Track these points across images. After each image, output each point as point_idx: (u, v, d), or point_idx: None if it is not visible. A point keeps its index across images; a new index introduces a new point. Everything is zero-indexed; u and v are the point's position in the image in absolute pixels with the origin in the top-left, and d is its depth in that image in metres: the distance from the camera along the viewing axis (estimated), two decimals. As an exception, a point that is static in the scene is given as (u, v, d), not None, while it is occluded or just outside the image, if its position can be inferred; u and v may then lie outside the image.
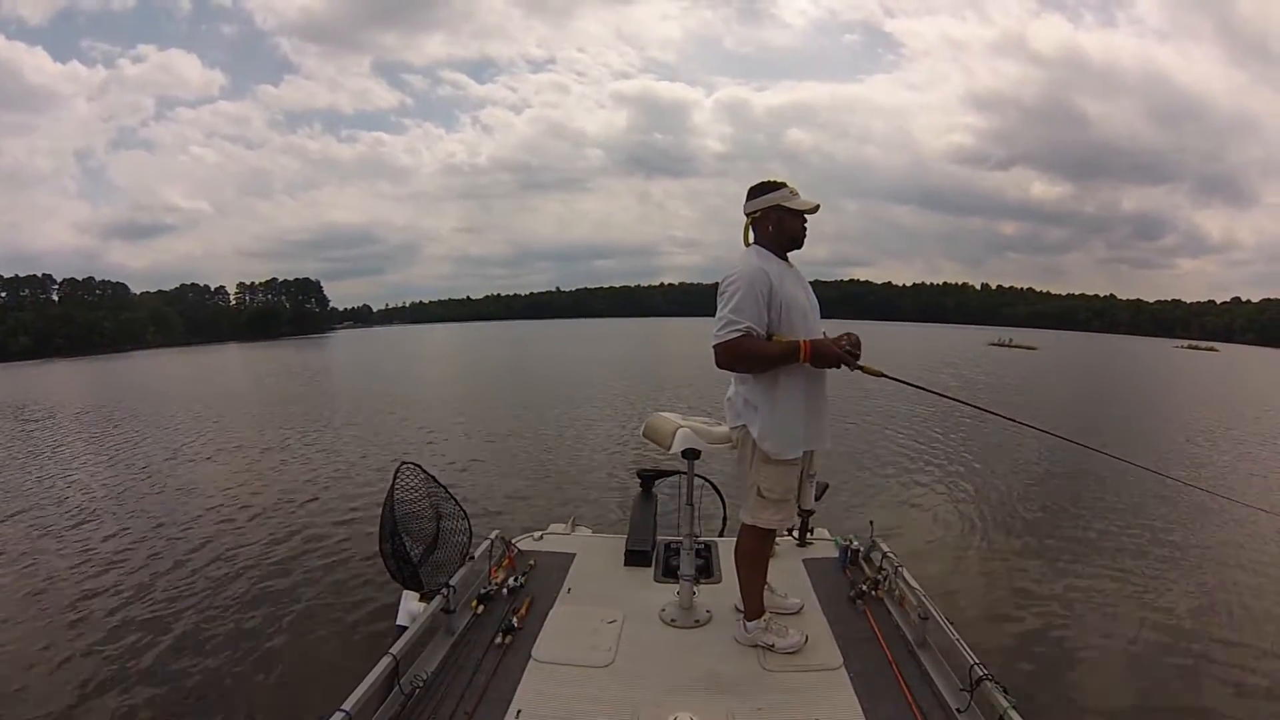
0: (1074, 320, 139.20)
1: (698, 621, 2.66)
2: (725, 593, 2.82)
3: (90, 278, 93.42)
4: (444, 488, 2.88)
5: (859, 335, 2.40)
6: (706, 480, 3.38)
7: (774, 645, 2.42)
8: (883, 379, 2.42)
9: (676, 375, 23.88)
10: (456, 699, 2.16)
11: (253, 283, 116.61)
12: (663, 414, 2.87)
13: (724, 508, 3.74)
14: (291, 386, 24.35)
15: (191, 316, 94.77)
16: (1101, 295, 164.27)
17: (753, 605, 2.50)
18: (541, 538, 3.55)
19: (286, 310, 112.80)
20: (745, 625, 2.50)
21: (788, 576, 2.98)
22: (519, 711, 2.09)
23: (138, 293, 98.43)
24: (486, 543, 3.07)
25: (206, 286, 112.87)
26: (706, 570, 3.10)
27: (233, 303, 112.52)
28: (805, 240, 2.48)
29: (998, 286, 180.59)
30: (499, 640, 2.49)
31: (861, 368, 2.34)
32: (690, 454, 2.66)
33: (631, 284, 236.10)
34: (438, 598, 2.57)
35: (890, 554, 2.95)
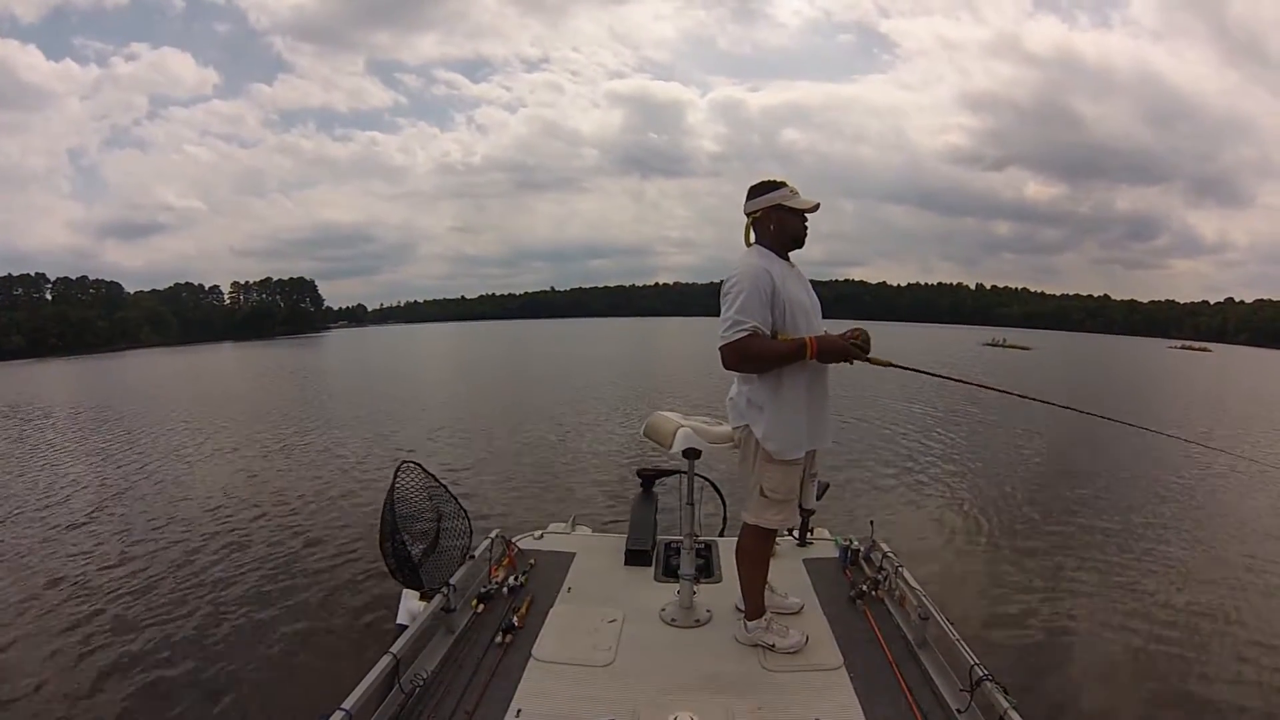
0: (1068, 320, 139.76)
1: (698, 621, 2.65)
2: (725, 592, 2.82)
3: (84, 277, 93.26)
4: (444, 487, 2.87)
5: (867, 331, 2.39)
6: (707, 480, 3.37)
7: (774, 645, 2.42)
8: (891, 368, 2.44)
9: (675, 375, 23.93)
10: (457, 698, 2.15)
11: (247, 282, 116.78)
12: (663, 413, 2.87)
13: (724, 507, 3.73)
14: (288, 386, 24.28)
15: (186, 316, 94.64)
16: (1096, 295, 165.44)
17: (753, 605, 2.50)
18: (542, 537, 3.55)
19: (281, 310, 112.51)
20: (746, 625, 2.49)
21: (788, 576, 2.98)
22: (519, 711, 2.08)
23: (132, 292, 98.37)
24: (487, 542, 3.07)
25: (201, 286, 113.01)
26: (707, 570, 3.10)
27: (227, 302, 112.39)
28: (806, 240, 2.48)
29: (992, 287, 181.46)
30: (499, 639, 2.48)
31: (870, 359, 2.35)
32: (691, 453, 2.65)
33: (626, 284, 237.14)
34: (438, 597, 2.56)
35: (890, 554, 2.95)
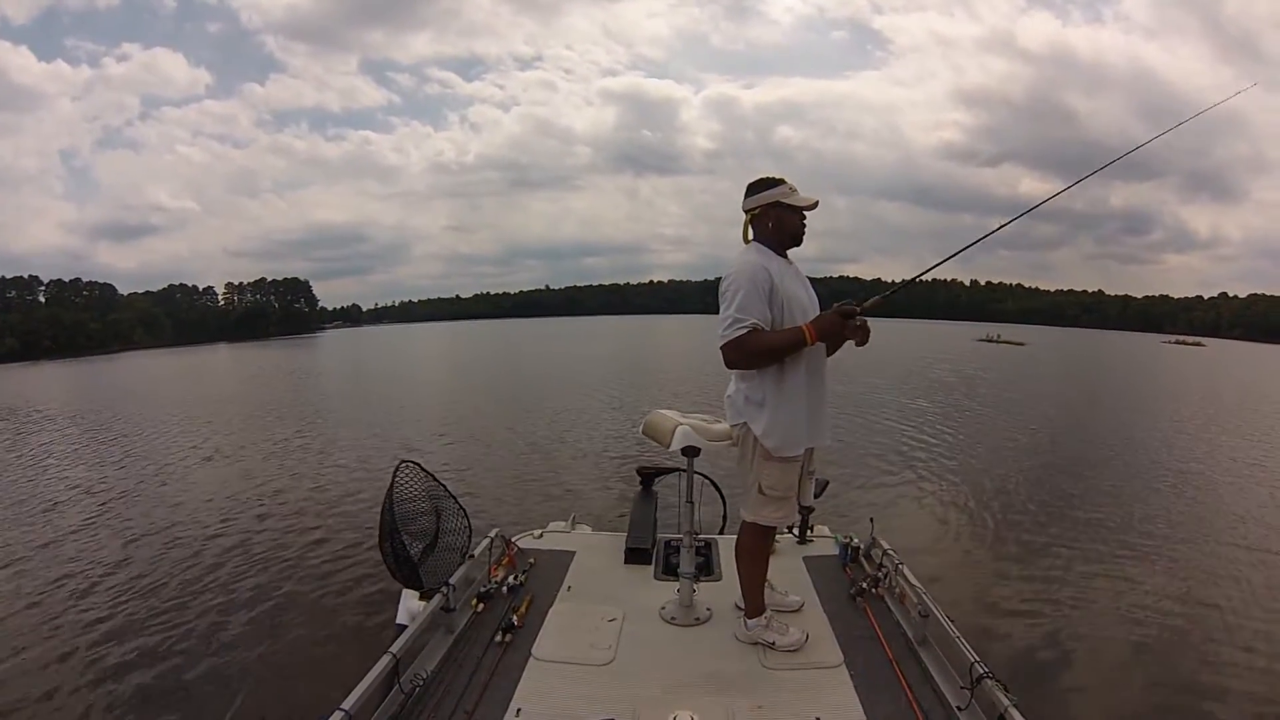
0: (1063, 316, 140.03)
1: (698, 619, 2.65)
2: (725, 590, 2.81)
3: (77, 279, 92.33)
4: (443, 486, 2.86)
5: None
6: (706, 478, 3.37)
7: (774, 643, 2.42)
8: (882, 303, 2.36)
9: (673, 372, 23.87)
10: (456, 697, 2.15)
11: (241, 283, 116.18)
12: (662, 411, 2.87)
13: (724, 505, 3.73)
14: (285, 387, 24.20)
15: (179, 317, 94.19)
16: (1090, 291, 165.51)
17: (753, 603, 2.50)
18: (541, 536, 3.55)
19: (275, 310, 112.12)
20: (746, 623, 2.49)
21: (788, 574, 2.98)
22: (519, 710, 2.08)
23: (125, 293, 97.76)
24: (486, 541, 3.06)
25: (195, 287, 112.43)
26: (707, 568, 3.10)
27: (221, 303, 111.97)
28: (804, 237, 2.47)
29: (987, 283, 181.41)
30: (499, 638, 2.48)
31: (865, 310, 2.28)
32: (690, 451, 2.65)
33: (621, 282, 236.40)
34: (437, 596, 2.56)
35: (890, 551, 2.94)
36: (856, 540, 3.18)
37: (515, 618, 2.59)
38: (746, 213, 2.45)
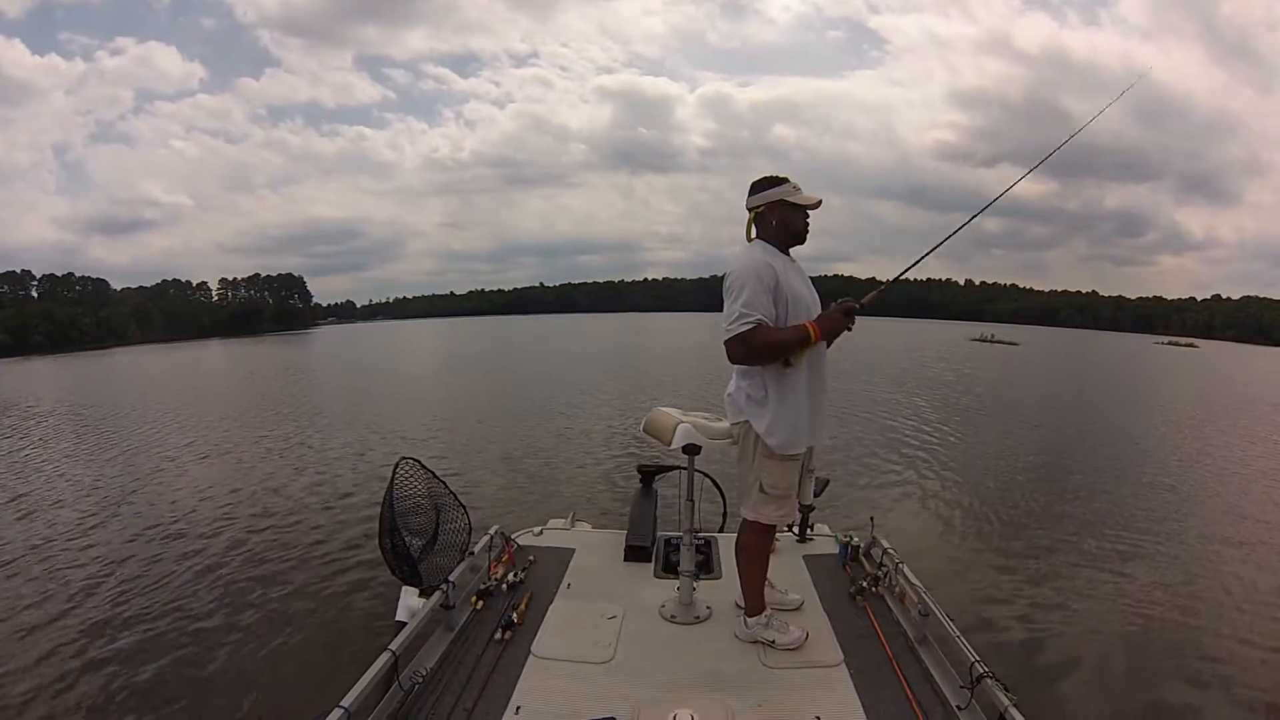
0: (1057, 316, 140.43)
1: (698, 618, 2.65)
2: (725, 589, 2.81)
3: (70, 274, 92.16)
4: (443, 483, 2.86)
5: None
6: (707, 476, 3.37)
7: (774, 641, 2.42)
8: (879, 296, 2.48)
9: (673, 370, 23.89)
10: (456, 695, 2.15)
11: (235, 278, 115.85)
12: (663, 409, 2.86)
13: (724, 503, 3.72)
14: (281, 384, 24.03)
15: (173, 313, 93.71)
16: (1084, 292, 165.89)
17: (754, 601, 2.50)
18: (541, 533, 3.54)
19: (269, 306, 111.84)
20: (746, 621, 2.49)
21: (788, 573, 2.99)
22: (518, 707, 2.08)
23: (118, 289, 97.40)
24: (486, 538, 3.06)
25: (188, 282, 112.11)
26: (706, 566, 3.09)
27: (215, 299, 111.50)
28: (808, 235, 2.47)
29: (982, 283, 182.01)
30: (498, 636, 2.48)
31: (863, 305, 2.39)
32: (690, 449, 2.64)
33: (615, 279, 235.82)
34: (437, 593, 2.55)
35: (890, 550, 2.95)
36: (856, 539, 3.19)
37: (515, 615, 2.59)
38: (750, 211, 2.44)
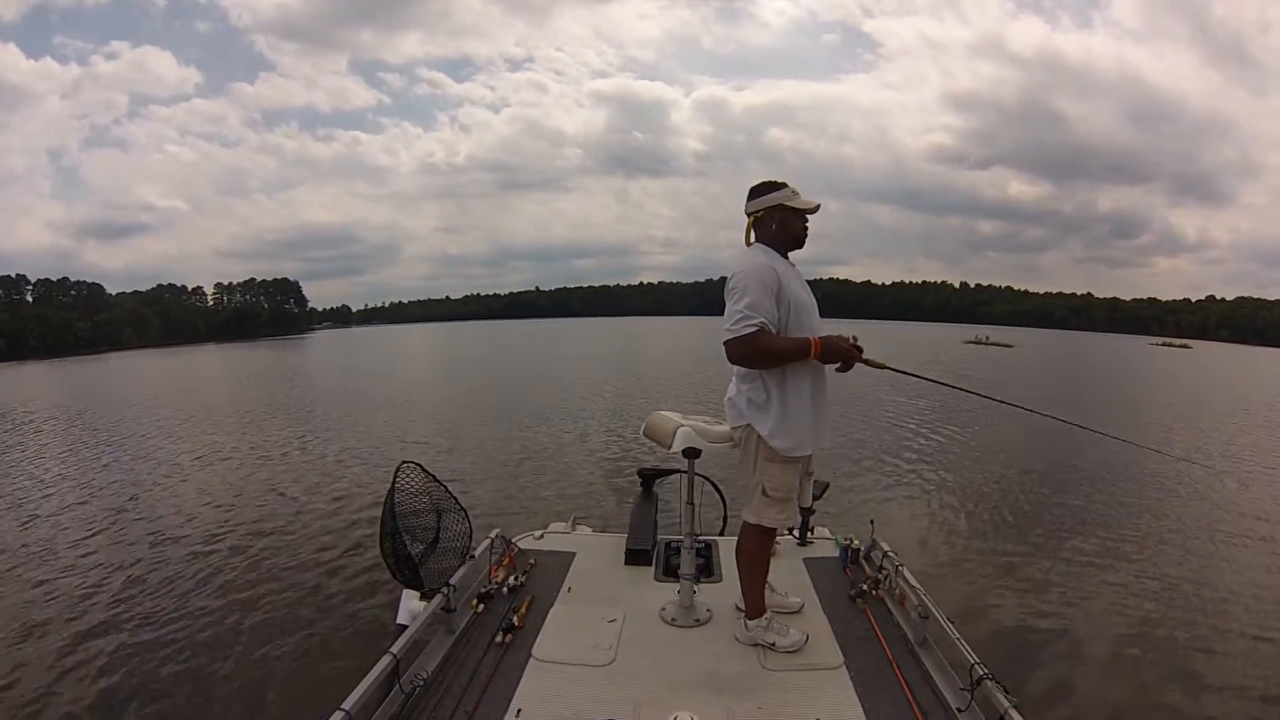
0: (1051, 318, 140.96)
1: (698, 620, 2.65)
2: (726, 592, 2.82)
3: (65, 278, 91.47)
4: (444, 486, 2.86)
5: (854, 334, 2.42)
6: (707, 479, 3.37)
7: (775, 644, 2.42)
8: (885, 370, 2.47)
9: (671, 373, 23.86)
10: (457, 698, 2.15)
11: (230, 283, 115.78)
12: (663, 413, 2.87)
13: (724, 507, 3.73)
14: (280, 389, 23.97)
15: (168, 317, 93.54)
16: (1079, 293, 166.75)
17: (754, 604, 2.50)
18: (542, 536, 3.54)
19: (265, 311, 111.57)
20: (746, 624, 2.49)
21: (788, 576, 2.99)
22: (519, 710, 2.08)
23: (114, 293, 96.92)
24: (487, 541, 3.06)
25: (184, 287, 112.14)
26: (707, 569, 3.09)
27: (210, 303, 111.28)
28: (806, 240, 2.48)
29: (976, 285, 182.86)
30: (499, 639, 2.47)
31: (867, 361, 2.37)
32: (691, 453, 2.65)
33: (611, 283, 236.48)
34: (438, 596, 2.55)
35: (890, 553, 2.95)
36: (856, 542, 3.19)
37: (516, 618, 2.59)
38: (749, 215, 2.45)
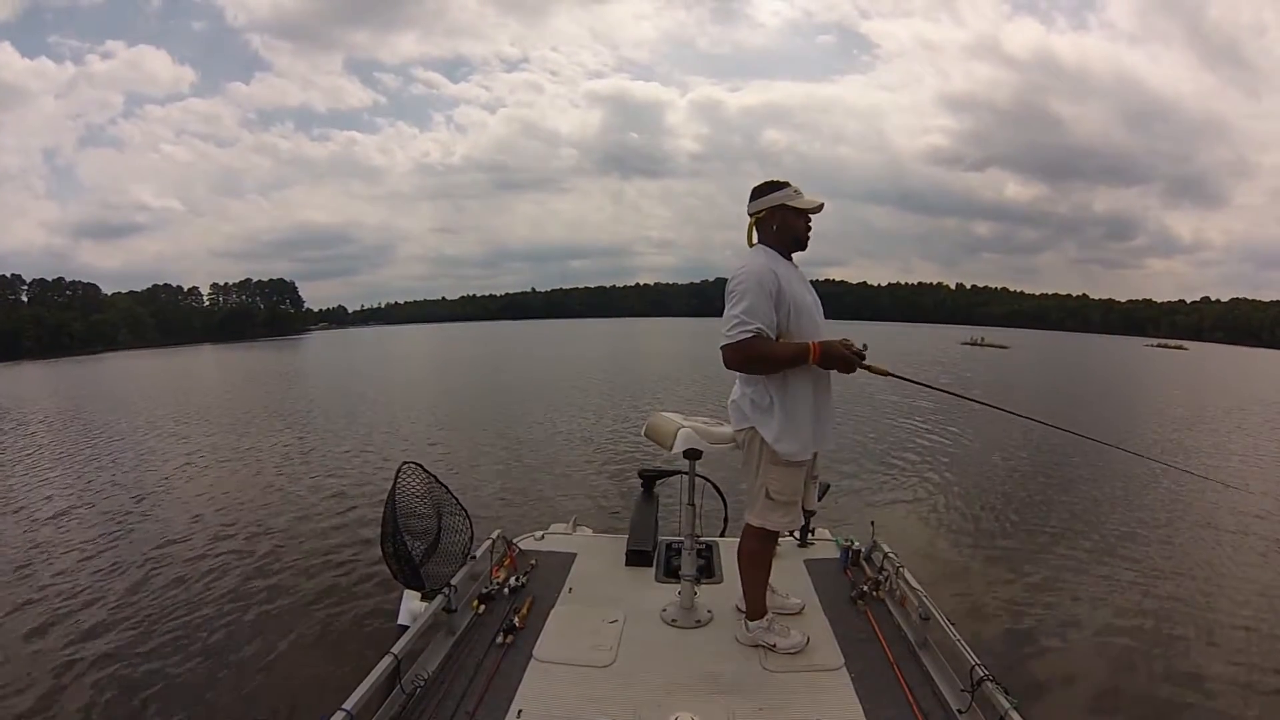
0: (1047, 320, 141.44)
1: (699, 622, 2.65)
2: (726, 593, 2.82)
3: (60, 278, 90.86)
4: (445, 487, 2.86)
5: (864, 341, 2.40)
6: (708, 480, 3.37)
7: (775, 645, 2.42)
8: (889, 377, 2.45)
9: (671, 374, 23.85)
10: (458, 698, 2.15)
11: (226, 283, 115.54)
12: (664, 414, 2.87)
13: (725, 508, 3.74)
14: (279, 390, 23.87)
15: (164, 317, 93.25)
16: (1074, 295, 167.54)
17: (755, 606, 2.50)
18: (543, 537, 3.54)
19: (261, 311, 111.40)
20: (747, 625, 2.49)
21: (789, 577, 2.99)
22: (520, 711, 2.08)
23: (109, 293, 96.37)
24: (488, 542, 3.06)
25: (179, 287, 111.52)
26: (708, 570, 3.10)
27: (206, 303, 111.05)
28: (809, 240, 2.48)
29: (972, 286, 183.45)
30: (500, 640, 2.47)
31: (868, 367, 2.35)
32: (692, 454, 2.65)
33: (607, 284, 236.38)
34: (439, 597, 2.55)
35: (891, 554, 2.96)
36: (857, 543, 3.19)
37: (516, 619, 2.59)
38: (751, 216, 2.44)
